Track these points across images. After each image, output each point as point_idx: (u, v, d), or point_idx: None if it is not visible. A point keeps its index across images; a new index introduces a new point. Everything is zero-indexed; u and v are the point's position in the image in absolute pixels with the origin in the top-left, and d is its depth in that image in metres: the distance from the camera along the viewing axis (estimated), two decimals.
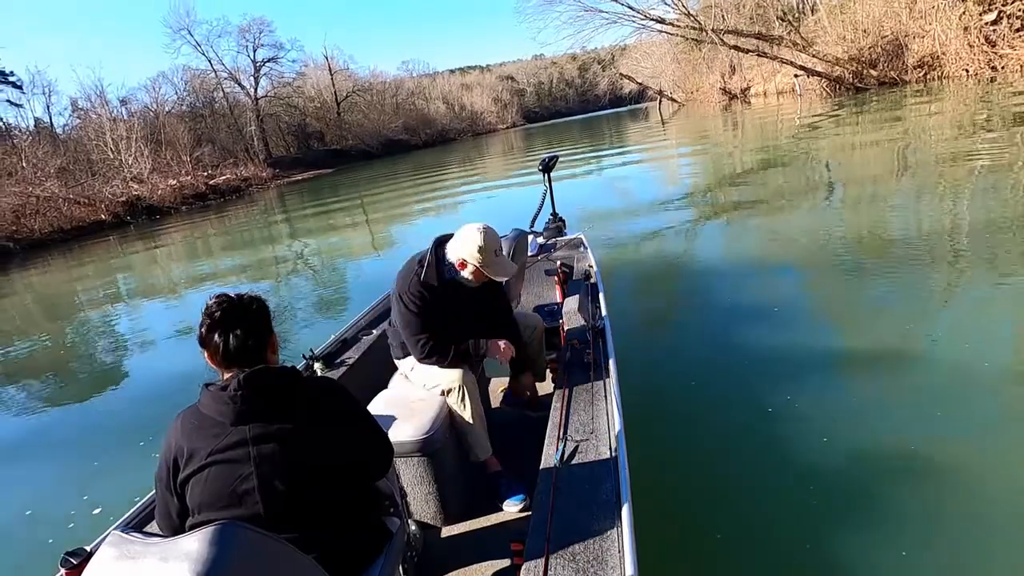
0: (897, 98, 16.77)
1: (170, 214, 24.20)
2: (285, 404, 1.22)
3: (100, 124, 31.81)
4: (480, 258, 2.06)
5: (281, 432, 1.19)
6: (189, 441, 1.20)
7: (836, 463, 2.24)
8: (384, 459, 1.43)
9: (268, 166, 37.66)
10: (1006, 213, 4.92)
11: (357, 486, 1.32)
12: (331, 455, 1.24)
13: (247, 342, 1.24)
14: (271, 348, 1.31)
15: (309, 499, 1.19)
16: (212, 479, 1.17)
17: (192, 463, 1.18)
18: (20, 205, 20.00)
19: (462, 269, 2.11)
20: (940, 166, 7.26)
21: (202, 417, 1.21)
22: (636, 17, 27.28)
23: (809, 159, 10.15)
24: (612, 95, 44.12)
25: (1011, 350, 2.89)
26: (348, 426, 1.32)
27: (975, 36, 16.93)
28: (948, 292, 3.75)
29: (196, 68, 44.64)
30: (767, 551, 1.91)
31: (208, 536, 0.87)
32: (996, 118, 10.26)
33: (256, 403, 1.19)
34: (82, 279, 11.97)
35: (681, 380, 3.13)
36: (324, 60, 51.59)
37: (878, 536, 1.87)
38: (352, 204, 17.08)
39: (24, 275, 14.10)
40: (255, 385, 1.19)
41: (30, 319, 9.24)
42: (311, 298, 6.98)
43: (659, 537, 1.91)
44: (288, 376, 1.26)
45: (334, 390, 1.36)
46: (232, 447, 1.17)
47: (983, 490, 2.00)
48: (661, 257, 5.66)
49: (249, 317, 1.26)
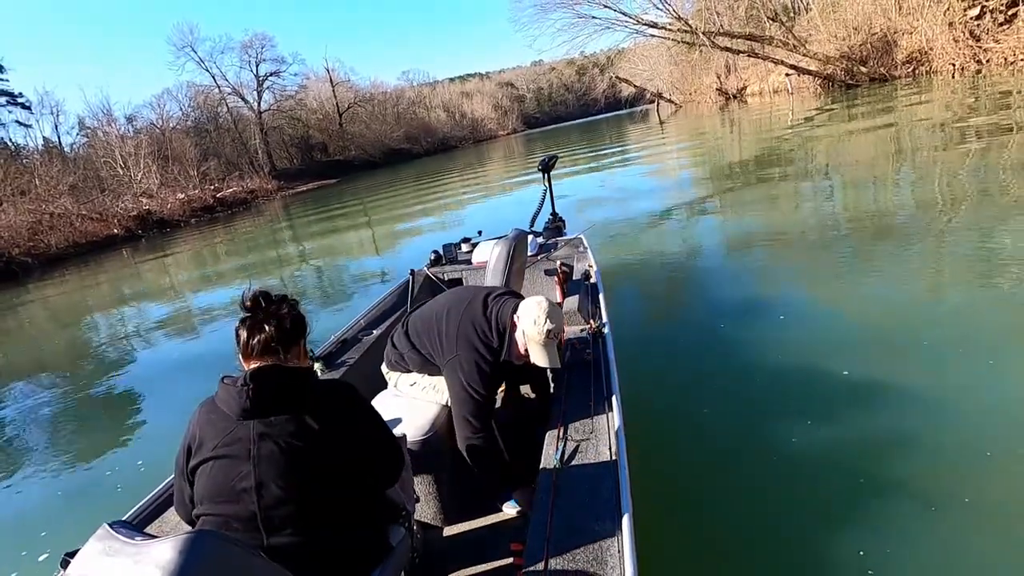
0: (888, 92, 17.14)
1: (180, 227, 24.82)
2: (292, 402, 1.21)
3: (109, 142, 32.65)
4: (538, 339, 1.89)
5: (285, 431, 1.18)
6: (202, 430, 1.22)
7: (837, 462, 2.23)
8: (393, 465, 1.40)
9: (273, 178, 38.31)
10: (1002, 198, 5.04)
11: (362, 490, 1.29)
12: (335, 456, 1.23)
13: (270, 342, 1.24)
14: (298, 353, 1.31)
15: (307, 502, 1.18)
16: (215, 473, 1.18)
17: (200, 453, 1.20)
18: (35, 222, 20.65)
19: (520, 359, 1.96)
20: (933, 153, 7.42)
21: (216, 409, 1.23)
22: (629, 22, 27.80)
23: (804, 155, 10.33)
24: (611, 98, 44.45)
25: (1010, 342, 2.86)
26: (355, 427, 1.30)
27: (960, 31, 17.28)
28: (949, 281, 3.77)
29: (200, 84, 45.65)
30: (767, 551, 1.91)
31: (180, 544, 0.88)
32: (982, 108, 10.56)
33: (263, 399, 1.18)
34: (96, 288, 12.47)
35: (681, 380, 3.13)
36: (325, 72, 52.52)
37: (879, 535, 1.87)
38: (355, 211, 17.45)
39: (42, 288, 14.64)
40: (263, 381, 1.19)
41: (46, 326, 9.66)
42: (313, 299, 7.06)
43: (659, 537, 1.91)
44: (300, 375, 1.25)
45: (344, 391, 1.35)
46: (236, 442, 1.18)
47: (989, 490, 1.98)
48: (661, 257, 5.69)
49: (279, 317, 1.27)
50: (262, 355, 1.24)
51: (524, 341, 1.91)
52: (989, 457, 2.12)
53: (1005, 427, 2.25)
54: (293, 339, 1.28)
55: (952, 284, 3.76)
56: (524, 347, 1.92)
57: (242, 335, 1.26)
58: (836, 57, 22.25)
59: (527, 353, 1.93)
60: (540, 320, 1.87)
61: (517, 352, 1.95)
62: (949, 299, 3.59)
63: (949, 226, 4.77)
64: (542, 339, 1.87)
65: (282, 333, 1.25)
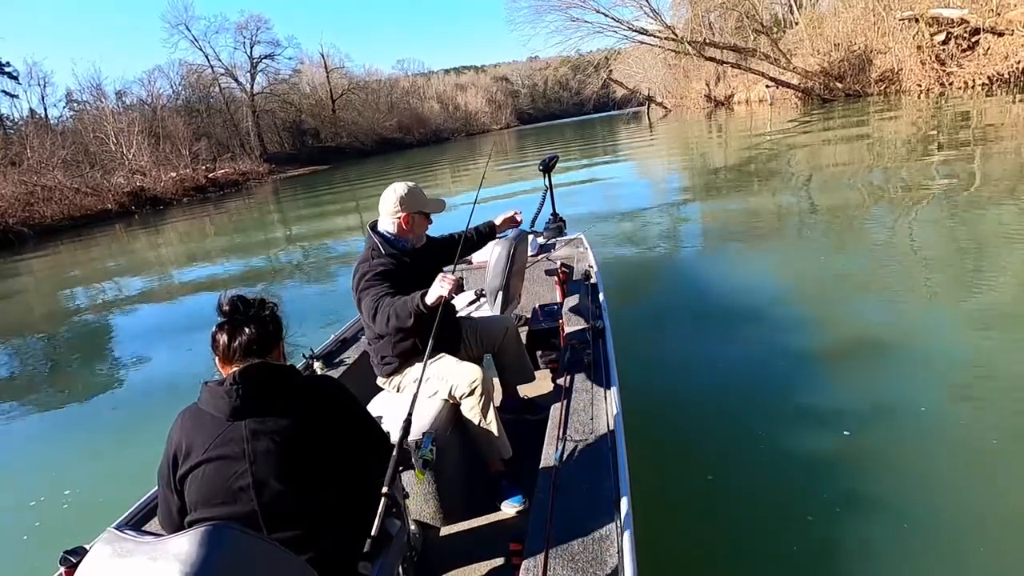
0: (860, 107, 18.19)
1: (172, 205, 25.19)
2: (283, 400, 1.22)
3: (101, 116, 32.65)
4: (408, 202, 2.11)
5: (278, 428, 1.19)
6: (188, 437, 1.21)
7: (837, 462, 2.24)
8: (383, 456, 1.40)
9: (264, 161, 38.51)
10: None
11: (356, 486, 1.31)
12: (328, 453, 1.24)
13: (252, 345, 1.25)
14: (278, 355, 1.32)
15: (305, 497, 1.19)
16: (208, 475, 1.17)
17: (190, 459, 1.19)
18: (27, 193, 20.96)
19: (407, 227, 2.13)
20: (901, 162, 8.17)
21: (201, 413, 1.22)
22: (620, 28, 28.61)
23: (786, 161, 11.04)
24: (603, 99, 45.07)
25: (1008, 342, 2.94)
26: (347, 425, 1.32)
27: (927, 54, 18.36)
28: (946, 283, 3.92)
29: (192, 63, 45.54)
30: (767, 551, 1.92)
31: (198, 537, 0.88)
32: (943, 126, 11.55)
33: (253, 398, 1.19)
34: (89, 262, 12.88)
35: (681, 380, 3.14)
36: (320, 58, 52.58)
37: (880, 534, 1.88)
38: (348, 199, 17.69)
39: (37, 258, 15.03)
40: (252, 379, 1.20)
41: (35, 302, 9.85)
42: (310, 297, 7.08)
43: (659, 537, 1.90)
44: (286, 372, 1.27)
45: (333, 388, 1.37)
46: (228, 443, 1.18)
47: (990, 490, 2.01)
48: (662, 257, 5.73)
49: (260, 319, 1.28)
50: (244, 357, 1.25)
51: (404, 212, 2.12)
52: (992, 456, 2.14)
53: (1009, 428, 2.27)
54: (274, 340, 1.30)
55: (959, 282, 3.90)
56: (405, 216, 2.13)
57: (221, 339, 1.26)
58: (816, 72, 23.32)
59: (410, 226, 2.14)
60: (393, 190, 2.13)
61: (418, 232, 2.17)
62: (953, 297, 3.71)
63: (941, 231, 5.14)
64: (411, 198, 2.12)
65: (264, 335, 1.27)
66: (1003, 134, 9.29)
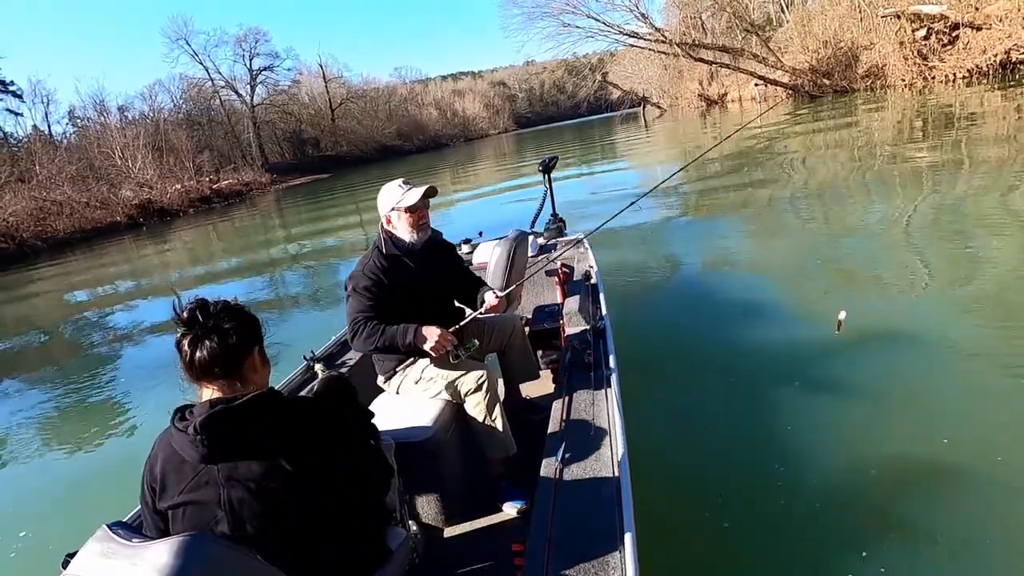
0: (847, 103, 18.65)
1: (179, 216, 25.77)
2: (256, 439, 1.12)
3: (104, 132, 33.35)
4: (382, 205, 2.11)
5: (251, 476, 1.11)
6: (163, 472, 1.15)
7: (839, 461, 2.24)
8: (383, 480, 1.37)
9: (266, 171, 39.14)
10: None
11: (353, 505, 1.25)
12: (312, 493, 1.16)
13: (219, 355, 1.12)
14: (252, 366, 1.19)
15: (293, 532, 1.15)
16: (187, 518, 1.13)
17: (166, 498, 1.14)
18: (38, 208, 21.65)
19: (394, 227, 2.13)
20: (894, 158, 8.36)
21: (173, 451, 1.14)
22: (610, 32, 29.16)
23: (780, 155, 11.31)
24: (599, 101, 45.48)
25: (1007, 337, 2.93)
26: (338, 450, 1.23)
27: (909, 50, 18.83)
28: (939, 270, 3.95)
29: (193, 76, 46.27)
30: (769, 551, 1.92)
31: (176, 546, 0.87)
32: (928, 118, 11.98)
33: (221, 444, 1.10)
34: (100, 271, 13.35)
35: (682, 380, 3.14)
36: (319, 68, 53.27)
37: (880, 534, 1.88)
38: (349, 205, 18.08)
39: (50, 270, 15.53)
40: (213, 430, 1.09)
41: (47, 310, 10.13)
42: (311, 299, 7.10)
43: (660, 538, 1.90)
44: (258, 406, 1.13)
45: (318, 413, 1.25)
46: (203, 487, 1.11)
47: (986, 484, 2.01)
48: (662, 257, 5.73)
49: (220, 331, 1.13)
50: (207, 378, 1.14)
51: (399, 208, 2.09)
52: (990, 455, 2.12)
53: (1006, 421, 2.27)
54: (242, 354, 1.16)
55: (952, 268, 3.94)
56: (388, 223, 2.13)
57: (184, 353, 1.13)
58: (805, 69, 23.82)
59: (394, 224, 2.12)
60: (387, 188, 2.12)
61: (406, 228, 2.12)
62: (948, 283, 3.77)
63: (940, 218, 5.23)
64: (381, 210, 2.11)
65: (226, 350, 1.13)
66: (983, 122, 9.84)
